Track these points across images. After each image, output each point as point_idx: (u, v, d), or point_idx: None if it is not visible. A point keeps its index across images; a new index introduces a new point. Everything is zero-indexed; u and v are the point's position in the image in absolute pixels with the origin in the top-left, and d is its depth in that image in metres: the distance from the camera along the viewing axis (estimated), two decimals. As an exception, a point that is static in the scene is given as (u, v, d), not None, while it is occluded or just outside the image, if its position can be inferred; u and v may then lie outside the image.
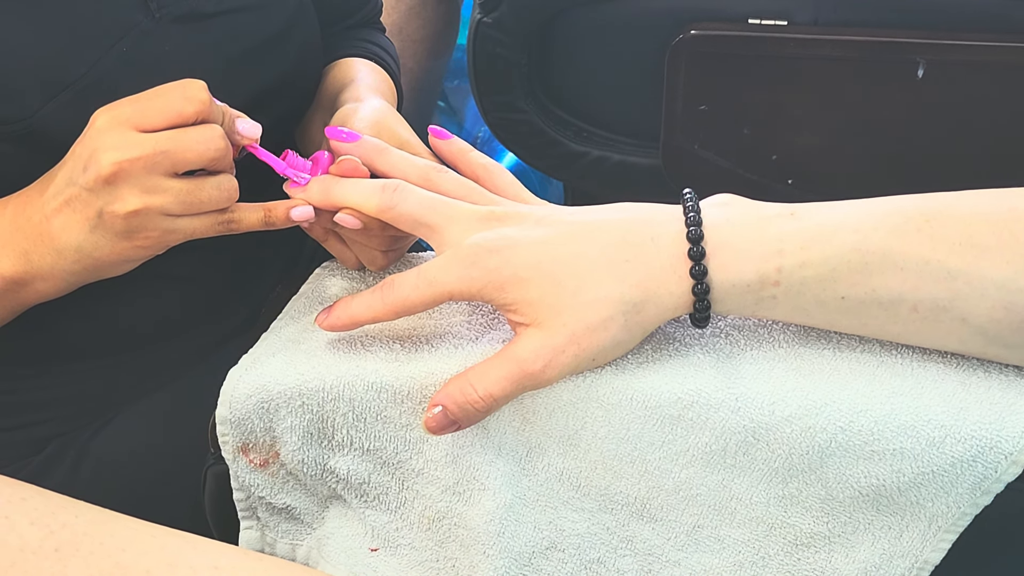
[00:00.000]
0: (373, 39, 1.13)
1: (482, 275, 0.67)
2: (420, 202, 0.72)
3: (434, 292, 0.68)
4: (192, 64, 0.84)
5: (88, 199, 0.75)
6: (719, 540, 0.70)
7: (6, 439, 0.99)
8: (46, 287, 0.81)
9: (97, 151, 0.74)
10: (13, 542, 0.44)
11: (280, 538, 0.79)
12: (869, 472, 0.65)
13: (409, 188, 0.72)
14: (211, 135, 0.75)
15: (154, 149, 0.73)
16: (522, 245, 0.67)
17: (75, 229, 0.76)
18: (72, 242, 0.77)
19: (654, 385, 0.67)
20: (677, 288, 0.66)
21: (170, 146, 0.74)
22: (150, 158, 0.73)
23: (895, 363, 0.68)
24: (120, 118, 0.74)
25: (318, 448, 0.73)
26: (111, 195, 0.74)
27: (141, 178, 0.74)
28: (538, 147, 1.36)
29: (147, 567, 0.46)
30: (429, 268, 0.69)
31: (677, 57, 1.21)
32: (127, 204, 0.74)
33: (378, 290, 0.70)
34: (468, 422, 0.68)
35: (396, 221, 0.72)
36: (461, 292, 0.68)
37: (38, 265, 0.79)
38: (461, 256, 0.68)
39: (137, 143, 0.73)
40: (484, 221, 0.70)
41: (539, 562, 0.72)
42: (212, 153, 0.75)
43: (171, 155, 0.74)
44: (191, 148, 0.74)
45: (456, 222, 0.70)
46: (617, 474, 0.69)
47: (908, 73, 1.16)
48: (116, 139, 0.74)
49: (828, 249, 0.65)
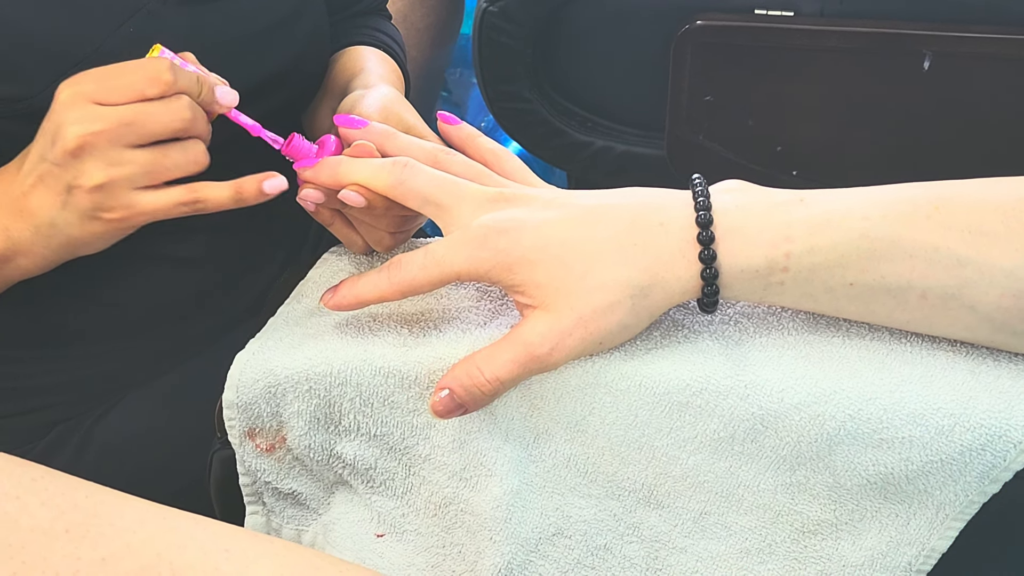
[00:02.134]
0: (380, 27, 1.13)
1: (491, 256, 0.67)
2: (430, 179, 0.71)
3: (442, 272, 0.68)
4: (198, 46, 0.84)
5: (58, 174, 0.75)
6: (726, 527, 0.70)
7: (10, 424, 0.99)
8: (27, 263, 0.81)
9: (62, 125, 0.74)
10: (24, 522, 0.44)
11: (286, 523, 0.79)
12: (877, 460, 0.65)
13: (419, 165, 0.72)
14: (177, 106, 0.75)
15: (118, 122, 0.73)
16: (531, 226, 0.67)
17: (48, 205, 0.77)
18: (46, 218, 0.77)
19: (662, 371, 0.67)
20: (685, 273, 0.66)
21: (134, 118, 0.74)
22: (114, 131, 0.73)
23: (904, 351, 0.67)
24: (83, 93, 0.75)
25: (325, 433, 0.73)
26: (77, 169, 0.75)
27: (106, 151, 0.74)
28: (542, 136, 1.36)
29: (158, 548, 0.46)
30: (437, 248, 0.69)
31: (683, 47, 1.21)
32: (92, 178, 0.74)
33: (384, 270, 0.70)
34: (475, 406, 0.68)
35: (404, 198, 0.72)
36: (469, 273, 0.68)
37: (18, 241, 0.79)
38: (470, 236, 0.68)
39: (100, 116, 0.74)
40: (493, 202, 0.70)
41: (546, 548, 0.72)
42: (177, 124, 0.75)
43: (135, 127, 0.74)
44: (156, 120, 0.74)
45: (465, 202, 0.70)
46: (624, 460, 0.69)
47: (914, 65, 1.16)
48: (79, 113, 0.74)
49: (837, 235, 0.65)
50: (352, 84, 0.95)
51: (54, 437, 0.99)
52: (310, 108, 1.01)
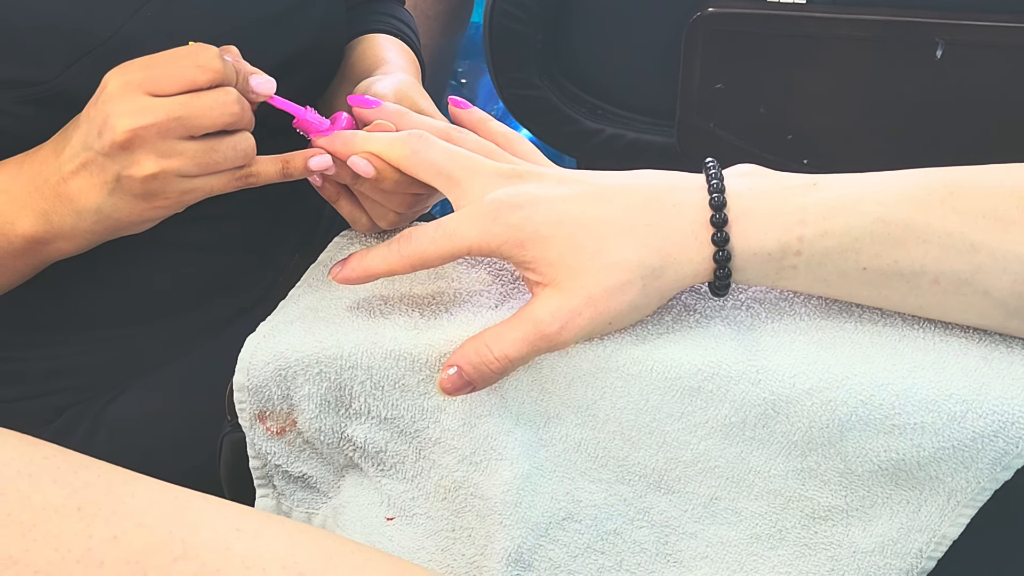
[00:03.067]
0: (395, 13, 1.13)
1: (503, 231, 0.67)
2: (443, 151, 0.71)
3: (453, 246, 0.68)
4: (216, 29, 0.84)
5: (104, 163, 0.75)
6: (736, 512, 0.69)
7: (20, 408, 0.99)
8: (67, 246, 0.82)
9: (111, 116, 0.74)
10: (36, 500, 0.44)
11: (296, 507, 0.79)
12: (889, 446, 0.65)
13: (433, 138, 0.72)
14: (225, 99, 0.75)
15: (167, 115, 0.73)
16: (544, 202, 0.67)
17: (94, 192, 0.77)
18: (91, 204, 0.77)
19: (674, 356, 0.67)
20: (697, 255, 0.66)
21: (184, 112, 0.74)
22: (164, 124, 0.73)
23: (917, 337, 0.67)
24: (132, 83, 0.74)
25: (335, 416, 0.73)
26: (127, 159, 0.74)
27: (156, 143, 0.74)
28: (553, 124, 1.36)
29: (169, 528, 0.46)
30: (448, 221, 0.68)
31: (694, 35, 1.21)
32: (144, 168, 0.74)
33: (395, 242, 0.70)
34: (483, 383, 0.67)
35: (417, 169, 0.72)
36: (480, 247, 0.67)
37: (59, 225, 0.79)
38: (483, 210, 0.67)
39: (151, 108, 0.73)
40: (506, 177, 0.70)
41: (555, 532, 0.72)
42: (227, 118, 0.75)
43: (185, 120, 0.74)
44: (205, 114, 0.74)
45: (478, 176, 0.70)
46: (635, 445, 0.69)
47: (926, 53, 1.16)
48: (129, 105, 0.74)
49: (851, 219, 0.64)
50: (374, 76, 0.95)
51: (64, 421, 0.99)
52: (328, 94, 1.01)
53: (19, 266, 0.84)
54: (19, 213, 0.80)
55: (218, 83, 0.75)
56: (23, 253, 0.81)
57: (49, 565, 0.42)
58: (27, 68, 0.80)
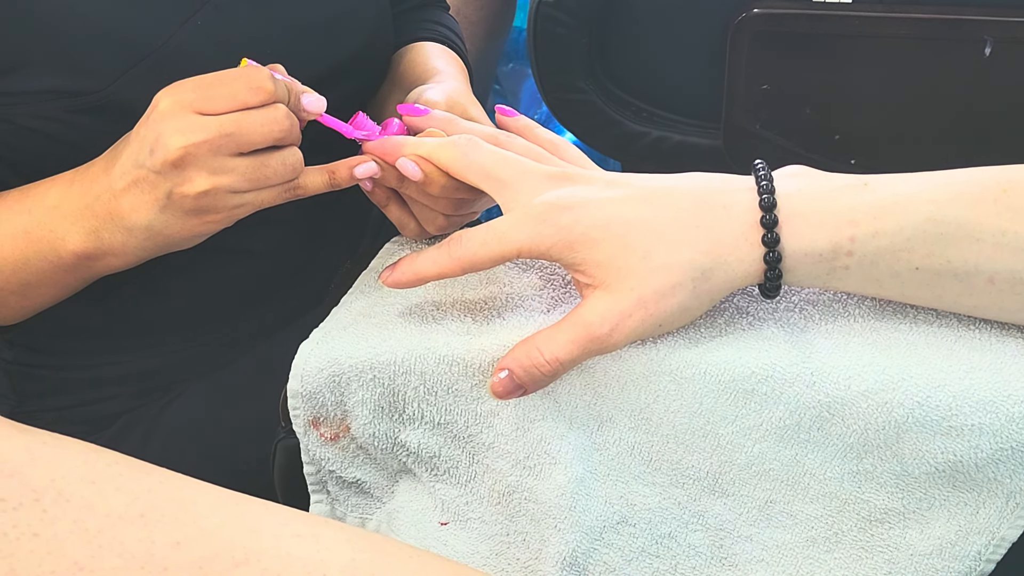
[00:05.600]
0: (442, 20, 1.13)
1: (553, 233, 0.67)
2: (492, 155, 0.72)
3: (503, 248, 0.68)
4: (264, 37, 0.85)
5: (156, 181, 0.76)
6: (791, 516, 0.69)
7: (78, 415, 1.00)
8: (117, 262, 0.82)
9: (163, 135, 0.75)
10: (100, 507, 0.44)
11: (350, 512, 0.79)
12: (946, 448, 0.64)
13: (481, 142, 0.73)
14: (275, 116, 0.76)
15: (219, 132, 0.74)
16: (594, 204, 0.67)
17: (145, 209, 0.77)
18: (142, 221, 0.78)
19: (727, 359, 0.67)
20: (748, 256, 0.66)
21: (235, 129, 0.74)
22: (215, 141, 0.74)
23: (973, 338, 0.67)
24: (183, 103, 0.75)
25: (389, 422, 0.73)
26: (179, 177, 0.75)
27: (208, 160, 0.75)
28: (598, 127, 1.36)
29: (230, 533, 0.46)
30: (499, 223, 0.68)
31: (739, 36, 1.20)
32: (196, 185, 0.75)
33: (444, 245, 0.70)
34: (534, 387, 0.68)
35: (466, 171, 0.72)
36: (531, 249, 0.67)
37: (109, 242, 0.80)
38: (533, 212, 0.67)
39: (202, 127, 0.74)
40: (555, 180, 0.70)
41: (610, 536, 0.72)
42: (277, 134, 0.76)
43: (236, 137, 0.75)
44: (256, 131, 0.75)
45: (527, 179, 0.70)
46: (689, 448, 0.69)
47: (974, 51, 1.15)
48: (181, 123, 0.74)
49: (903, 219, 0.64)
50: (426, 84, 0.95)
51: (120, 427, 1.00)
52: (377, 102, 1.02)
53: (69, 281, 0.85)
54: (69, 229, 0.81)
55: (269, 103, 0.76)
56: (73, 268, 0.83)
57: (114, 571, 0.42)
58: (79, 77, 0.81)
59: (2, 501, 0.42)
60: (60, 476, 0.44)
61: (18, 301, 0.86)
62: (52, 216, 0.81)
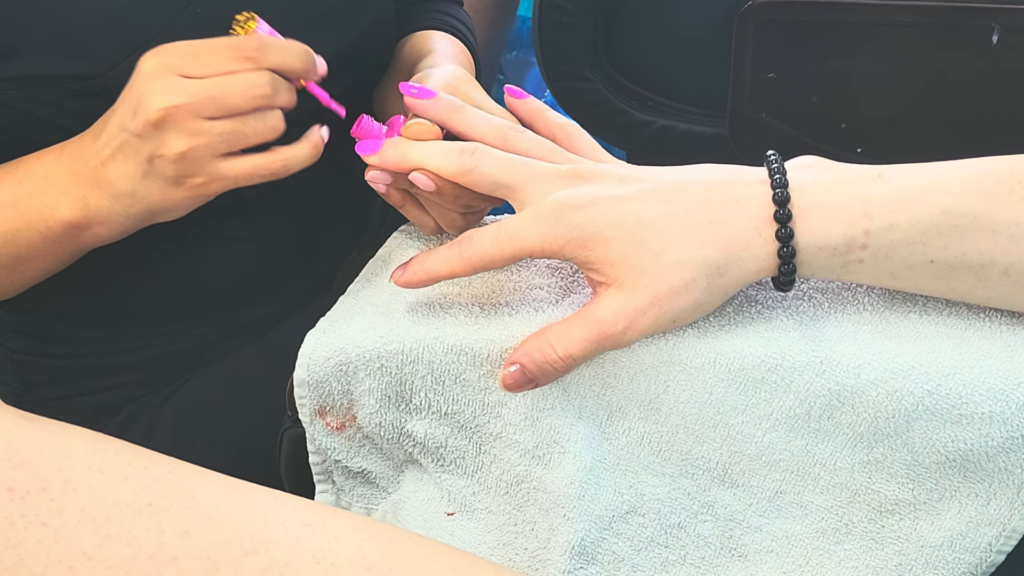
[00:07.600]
0: (450, 11, 1.13)
1: (565, 231, 0.66)
2: (499, 163, 0.71)
3: (515, 247, 0.67)
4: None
5: (138, 144, 0.76)
6: (801, 506, 0.69)
7: (82, 403, 1.00)
8: (104, 231, 0.83)
9: (144, 95, 0.75)
10: (108, 496, 0.44)
11: (355, 502, 0.79)
12: (957, 437, 0.64)
13: (487, 150, 0.71)
14: (258, 81, 0.76)
15: (201, 95, 0.74)
16: (606, 202, 0.66)
17: (129, 175, 0.78)
18: (127, 188, 0.79)
19: (737, 348, 0.66)
20: (762, 251, 0.65)
21: (217, 91, 0.75)
22: (197, 104, 0.74)
23: (983, 326, 0.66)
24: (168, 66, 0.76)
25: (396, 411, 0.73)
26: (159, 139, 0.76)
27: (187, 122, 0.75)
28: (603, 116, 1.35)
29: (238, 522, 0.46)
30: (511, 223, 0.68)
31: (745, 24, 1.20)
32: (174, 147, 0.76)
33: (456, 245, 0.69)
34: (545, 381, 0.67)
35: (475, 184, 0.71)
36: (543, 249, 0.67)
37: (96, 210, 0.80)
38: (545, 212, 0.67)
39: (184, 89, 0.75)
40: (566, 179, 0.69)
41: (619, 526, 0.71)
42: (259, 100, 0.76)
43: (218, 99, 0.75)
44: (238, 94, 0.75)
45: (538, 180, 0.69)
46: (699, 438, 0.68)
47: (982, 39, 1.14)
48: (163, 84, 0.75)
49: (917, 212, 0.63)
50: (420, 65, 0.95)
51: (125, 415, 1.00)
52: (378, 90, 1.01)
53: (58, 252, 0.85)
54: (59, 198, 0.81)
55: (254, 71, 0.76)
56: (62, 239, 0.83)
57: (122, 560, 0.42)
58: (81, 62, 0.82)
59: (10, 491, 0.42)
60: (68, 465, 0.44)
61: (8, 275, 0.87)
62: (42, 185, 0.82)
